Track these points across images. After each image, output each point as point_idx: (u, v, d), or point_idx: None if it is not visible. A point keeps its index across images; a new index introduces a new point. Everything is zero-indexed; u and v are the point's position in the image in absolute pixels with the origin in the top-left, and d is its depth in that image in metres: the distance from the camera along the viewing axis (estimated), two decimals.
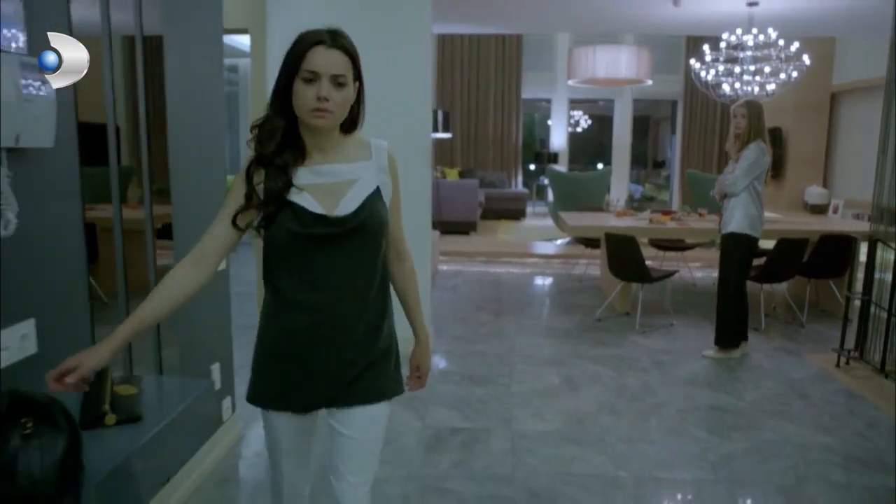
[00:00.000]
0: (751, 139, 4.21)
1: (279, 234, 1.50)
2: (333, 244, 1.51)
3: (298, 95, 1.46)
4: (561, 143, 12.71)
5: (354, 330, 1.58)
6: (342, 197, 1.53)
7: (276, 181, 1.50)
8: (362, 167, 1.60)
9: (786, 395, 3.83)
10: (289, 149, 1.51)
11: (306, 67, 1.45)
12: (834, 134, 9.69)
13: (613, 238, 5.12)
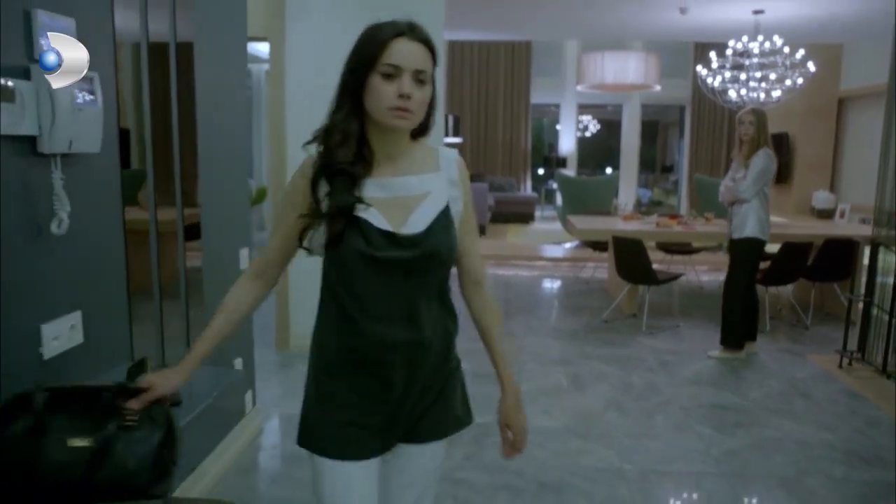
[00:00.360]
0: (759, 146, 4.33)
1: (346, 253, 1.32)
2: (402, 266, 1.35)
3: (376, 92, 1.30)
4: (570, 147, 12.83)
5: (425, 358, 1.43)
6: (410, 213, 1.36)
7: (346, 195, 1.33)
8: (432, 179, 1.42)
9: (788, 395, 3.94)
10: (359, 157, 1.35)
11: (387, 61, 1.29)
12: (841, 139, 9.76)
13: (621, 241, 5.24)
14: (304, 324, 4.52)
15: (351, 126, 1.34)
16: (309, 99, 4.37)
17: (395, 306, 1.37)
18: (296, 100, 4.38)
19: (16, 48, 1.61)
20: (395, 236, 1.34)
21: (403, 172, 1.40)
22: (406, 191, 1.38)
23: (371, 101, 1.32)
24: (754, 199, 4.33)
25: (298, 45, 4.33)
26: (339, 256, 1.34)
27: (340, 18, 4.30)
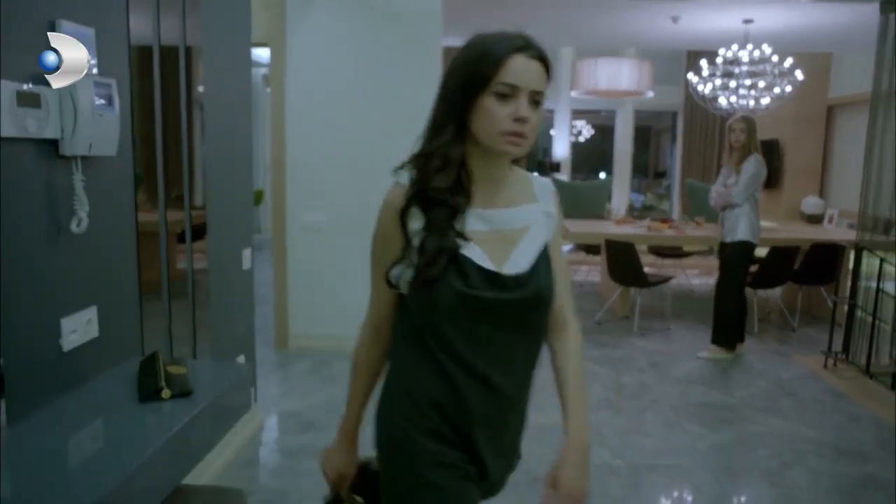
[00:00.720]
0: (750, 152, 4.46)
1: (441, 294, 1.18)
2: (505, 309, 1.21)
3: (488, 115, 1.16)
4: (563, 152, 12.95)
5: (515, 412, 1.34)
6: (512, 249, 1.24)
7: (448, 230, 1.19)
8: (530, 211, 1.29)
9: (774, 394, 4.05)
10: (457, 185, 1.21)
11: (503, 80, 1.15)
12: (830, 146, 9.92)
13: (613, 245, 5.35)
14: (302, 324, 4.62)
15: (454, 151, 1.20)
16: (308, 103, 4.48)
17: (492, 355, 1.24)
18: (296, 104, 4.48)
19: None
20: (499, 276, 1.20)
21: (504, 203, 1.26)
22: (507, 224, 1.25)
23: (481, 123, 1.18)
24: (745, 204, 4.47)
25: (298, 50, 4.43)
26: (430, 297, 1.19)
27: (340, 25, 4.41)
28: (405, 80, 4.45)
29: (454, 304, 1.19)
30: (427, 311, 1.23)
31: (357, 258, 4.54)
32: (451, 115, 1.21)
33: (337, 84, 4.47)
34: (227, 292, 3.02)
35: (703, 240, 5.95)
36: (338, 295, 4.60)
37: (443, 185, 1.20)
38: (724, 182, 4.58)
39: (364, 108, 4.48)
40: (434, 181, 1.20)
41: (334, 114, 4.48)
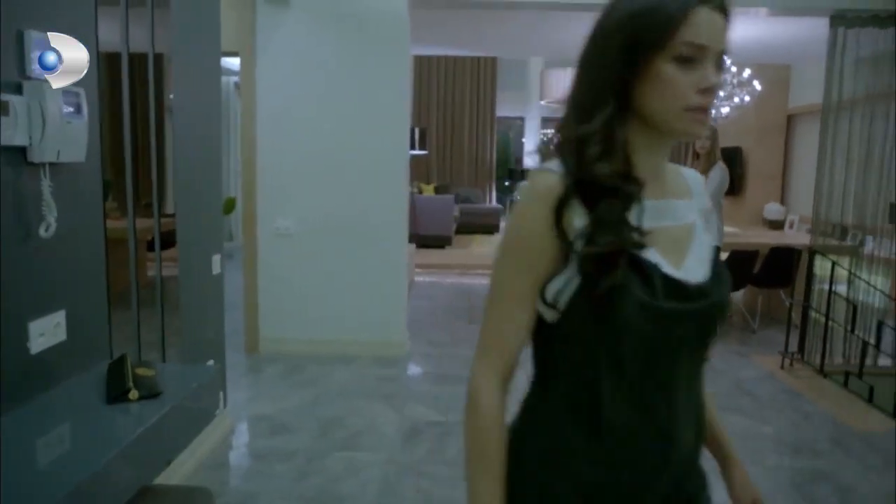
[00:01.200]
0: (715, 160, 4.62)
1: (623, 311, 0.89)
2: (692, 325, 0.95)
3: (666, 85, 0.89)
4: (534, 160, 13.11)
5: (693, 461, 1.06)
6: (685, 251, 0.99)
7: (621, 227, 0.90)
8: (690, 207, 1.05)
9: (733, 393, 4.18)
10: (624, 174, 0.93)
11: (688, 39, 0.88)
12: (790, 153, 10.21)
13: None
14: (273, 329, 4.65)
15: (618, 132, 0.92)
16: (278, 111, 4.53)
17: (677, 391, 0.96)
18: (266, 112, 4.53)
19: (9, 65, 1.75)
20: (684, 286, 0.94)
21: (670, 195, 1.02)
22: (680, 219, 1.01)
23: (657, 96, 0.90)
24: (714, 210, 4.62)
25: (268, 58, 4.48)
26: (609, 315, 0.89)
27: (309, 33, 4.47)
28: (374, 86, 4.53)
29: (636, 324, 0.89)
30: (600, 338, 0.92)
31: (326, 263, 4.62)
32: (609, 87, 0.92)
33: (307, 91, 4.53)
34: (197, 297, 3.05)
35: None
36: (308, 299, 4.65)
37: (606, 172, 0.91)
38: None
39: (334, 115, 4.54)
40: (597, 167, 0.91)
41: (304, 120, 4.54)
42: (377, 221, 4.62)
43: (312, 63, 4.51)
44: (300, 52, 4.49)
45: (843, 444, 3.44)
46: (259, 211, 4.61)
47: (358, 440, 3.32)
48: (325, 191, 4.59)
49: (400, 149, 4.63)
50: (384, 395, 3.93)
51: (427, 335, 5.30)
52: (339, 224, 4.61)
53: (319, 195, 4.59)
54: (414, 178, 12.30)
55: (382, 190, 4.61)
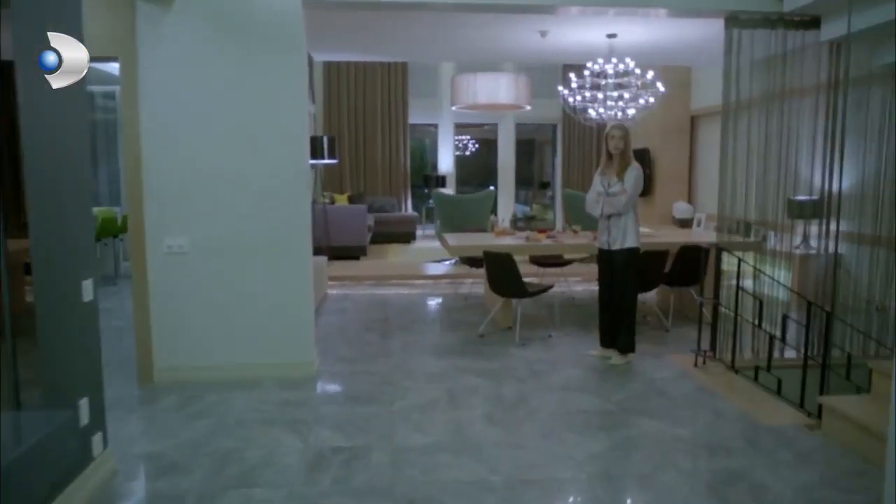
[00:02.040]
0: (630, 160, 4.60)
1: None
2: None
3: None
4: (448, 166, 13.05)
5: None
6: None
7: None
8: None
9: (648, 395, 4.15)
10: None
11: None
12: (695, 153, 10.52)
13: (492, 256, 5.36)
14: (168, 355, 4.32)
15: None
16: (165, 119, 4.21)
17: None
18: (151, 121, 4.20)
19: None
20: None
21: None
22: None
23: None
24: (631, 211, 4.61)
25: (151, 63, 4.16)
26: None
27: (196, 35, 4.18)
28: (269, 92, 4.28)
29: None
30: None
31: (225, 282, 4.32)
32: None
33: (195, 98, 4.23)
34: (64, 328, 2.73)
35: (579, 247, 6.07)
36: (206, 322, 4.34)
37: None
38: (608, 190, 4.66)
39: (226, 123, 4.26)
40: None
41: (194, 129, 4.24)
42: (278, 235, 4.36)
43: (200, 67, 4.22)
44: (186, 56, 4.19)
45: (755, 441, 3.43)
46: (148, 229, 4.27)
47: (256, 475, 3.06)
48: (220, 205, 4.30)
49: (299, 158, 4.38)
50: (288, 422, 3.67)
51: (338, 352, 5.06)
52: (237, 240, 4.32)
53: (214, 210, 4.30)
54: (327, 187, 12.01)
55: (282, 202, 4.35)
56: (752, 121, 4.69)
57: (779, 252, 5.01)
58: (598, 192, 4.73)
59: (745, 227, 8.78)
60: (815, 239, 5.19)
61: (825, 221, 4.85)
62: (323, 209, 8.79)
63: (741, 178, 4.75)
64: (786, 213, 5.10)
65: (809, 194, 5.02)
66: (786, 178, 4.82)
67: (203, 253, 4.29)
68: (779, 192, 4.86)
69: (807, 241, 7.32)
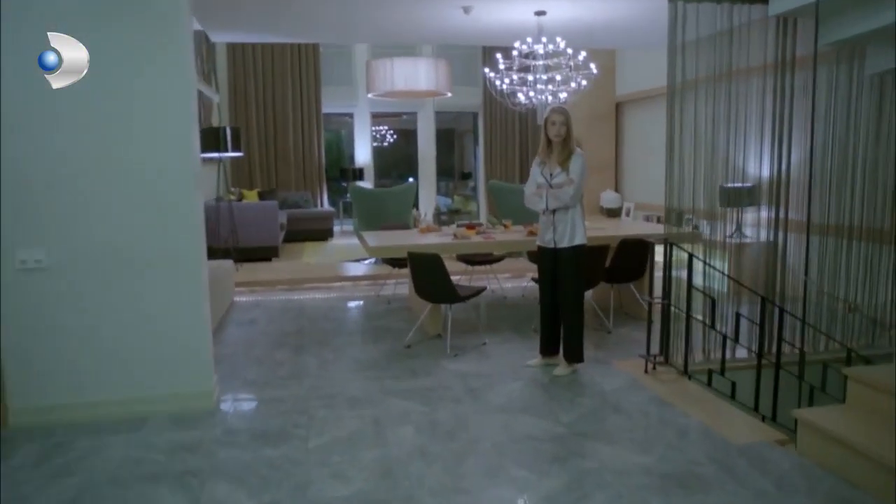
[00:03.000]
0: (573, 147, 4.16)
1: None
2: None
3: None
4: (366, 158, 12.37)
5: None
6: None
7: None
8: None
9: (600, 411, 3.68)
10: None
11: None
12: (621, 141, 10.25)
13: (417, 258, 4.78)
14: (26, 393, 3.53)
15: None
16: (20, 112, 3.39)
17: None
18: (5, 111, 3.37)
19: None
20: None
21: None
22: None
23: None
24: (578, 204, 4.16)
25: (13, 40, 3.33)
26: None
27: (56, 12, 3.38)
28: (147, 78, 3.53)
29: None
30: None
31: (97, 301, 3.50)
32: None
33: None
34: None
35: (513, 244, 5.58)
36: (72, 351, 3.57)
37: None
38: (550, 181, 4.17)
39: (95, 114, 3.48)
40: None
41: (56, 122, 3.44)
42: (162, 242, 3.62)
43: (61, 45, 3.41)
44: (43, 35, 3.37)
45: (729, 467, 3.00)
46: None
47: None
48: (87, 208, 3.53)
49: (185, 150, 3.65)
50: (177, 474, 2.98)
51: (244, 374, 4.37)
52: (111, 250, 3.56)
53: (82, 216, 3.52)
54: (235, 183, 11.11)
55: (166, 202, 3.61)
56: (699, 102, 4.28)
57: (714, 242, 4.62)
58: (539, 185, 4.23)
59: (678, 216, 8.54)
60: (757, 228, 4.83)
61: (775, 209, 4.51)
62: (229, 207, 7.97)
63: (689, 166, 4.35)
64: (727, 202, 4.78)
65: (744, 181, 4.67)
66: (713, 166, 4.43)
67: (67, 267, 3.52)
68: (713, 179, 4.48)
69: (741, 230, 7.10)
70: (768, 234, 4.55)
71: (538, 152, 4.30)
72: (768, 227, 4.56)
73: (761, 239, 4.64)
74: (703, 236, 4.67)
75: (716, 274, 4.37)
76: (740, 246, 4.96)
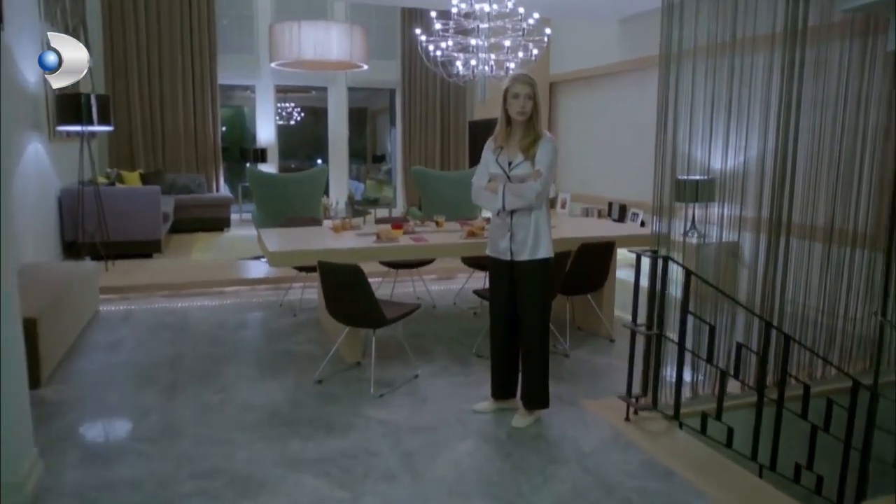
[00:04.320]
0: (539, 131, 3.15)
1: None
2: None
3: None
4: (269, 137, 10.98)
5: None
6: None
7: None
8: None
9: (586, 490, 2.71)
10: None
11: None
12: (555, 125, 9.38)
13: (331, 269, 3.65)
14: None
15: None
16: None
17: None
18: None
19: None
20: None
21: None
22: None
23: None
24: (544, 205, 3.16)
25: None
26: None
27: None
28: None
29: None
30: None
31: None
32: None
33: None
34: None
35: (453, 250, 4.52)
36: None
37: None
38: (508, 172, 3.15)
39: None
40: None
41: None
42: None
43: None
44: None
45: None
46: None
47: None
48: None
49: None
50: None
51: (88, 437, 3.14)
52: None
53: None
54: (112, 163, 9.51)
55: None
56: (698, 75, 3.35)
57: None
58: (492, 176, 3.20)
59: (620, 210, 7.73)
60: (757, 231, 3.99)
61: (777, 210, 3.67)
62: (95, 193, 6.51)
63: (682, 150, 3.43)
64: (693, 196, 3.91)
65: (746, 172, 3.81)
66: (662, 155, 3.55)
67: None
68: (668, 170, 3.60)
69: (695, 227, 6.35)
70: (769, 239, 3.70)
71: (494, 134, 3.26)
72: (768, 231, 3.70)
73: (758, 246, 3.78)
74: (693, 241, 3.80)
75: (719, 290, 3.48)
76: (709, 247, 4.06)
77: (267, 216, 6.63)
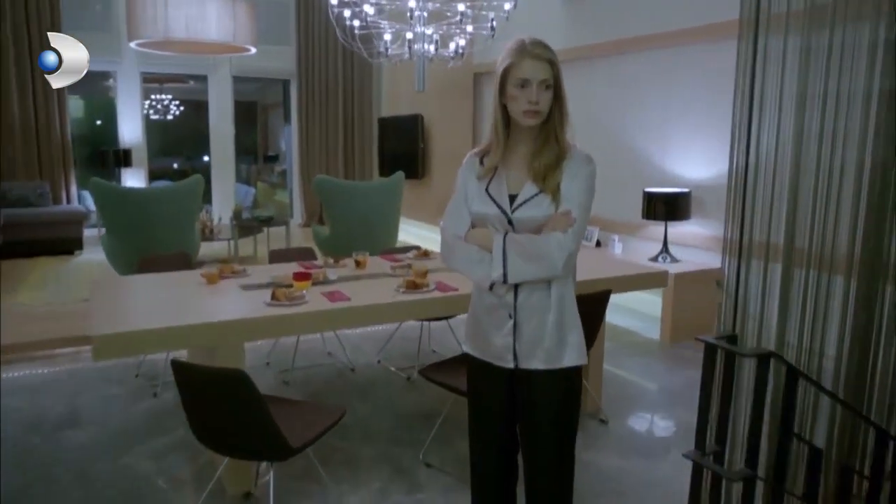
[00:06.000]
0: (569, 140, 1.81)
1: None
2: None
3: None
4: (135, 136, 9.08)
5: None
6: None
7: None
8: None
9: None
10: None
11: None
12: (479, 124, 8.12)
13: (196, 376, 2.16)
14: None
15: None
16: None
17: None
18: None
19: None
20: None
21: None
22: None
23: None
24: (570, 274, 1.82)
25: None
26: None
27: None
28: None
29: None
30: None
31: None
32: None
33: None
34: None
35: (389, 313, 3.09)
36: None
37: None
38: (510, 213, 1.82)
39: None
40: None
41: None
42: None
43: None
44: None
45: None
46: None
47: None
48: None
49: None
50: None
51: None
52: None
53: None
54: None
55: None
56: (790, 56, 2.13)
57: None
58: (475, 217, 1.87)
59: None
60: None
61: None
62: None
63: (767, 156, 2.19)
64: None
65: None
66: None
67: None
68: None
69: (667, 250, 5.27)
70: None
71: (482, 147, 1.91)
72: None
73: None
74: None
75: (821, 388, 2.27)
76: None
77: (121, 244, 4.96)
